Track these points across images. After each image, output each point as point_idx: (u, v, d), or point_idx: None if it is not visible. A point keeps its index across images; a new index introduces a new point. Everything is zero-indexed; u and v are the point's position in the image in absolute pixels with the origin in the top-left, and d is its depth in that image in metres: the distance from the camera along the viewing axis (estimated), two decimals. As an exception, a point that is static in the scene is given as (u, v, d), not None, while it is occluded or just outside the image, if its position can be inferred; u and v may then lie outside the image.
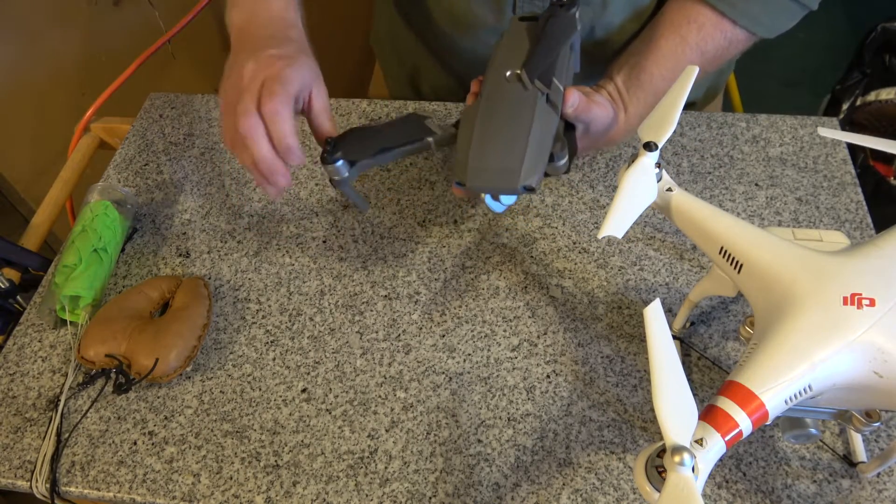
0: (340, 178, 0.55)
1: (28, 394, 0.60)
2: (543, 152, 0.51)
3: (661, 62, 0.64)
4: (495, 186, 0.50)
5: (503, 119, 0.51)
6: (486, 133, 0.51)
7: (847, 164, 0.72)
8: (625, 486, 0.53)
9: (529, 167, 0.49)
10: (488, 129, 0.51)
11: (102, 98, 0.84)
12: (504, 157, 0.49)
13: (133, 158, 0.80)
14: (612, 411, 0.57)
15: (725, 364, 0.59)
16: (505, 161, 0.49)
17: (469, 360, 0.60)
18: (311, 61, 0.58)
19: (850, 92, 1.42)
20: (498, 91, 0.52)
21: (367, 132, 0.56)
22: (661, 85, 0.64)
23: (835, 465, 0.53)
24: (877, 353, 0.39)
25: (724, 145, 0.75)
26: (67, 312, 0.63)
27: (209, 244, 0.71)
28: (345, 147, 0.54)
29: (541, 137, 0.50)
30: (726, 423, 0.37)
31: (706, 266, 0.65)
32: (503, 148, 0.50)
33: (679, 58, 0.64)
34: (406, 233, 0.70)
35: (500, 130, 0.50)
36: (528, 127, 0.50)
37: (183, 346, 0.60)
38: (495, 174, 0.49)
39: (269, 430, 0.57)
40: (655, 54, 0.64)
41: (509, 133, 0.50)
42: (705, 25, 0.63)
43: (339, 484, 0.54)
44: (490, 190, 0.51)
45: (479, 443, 0.55)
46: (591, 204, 0.71)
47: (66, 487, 0.55)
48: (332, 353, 0.61)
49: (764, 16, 0.63)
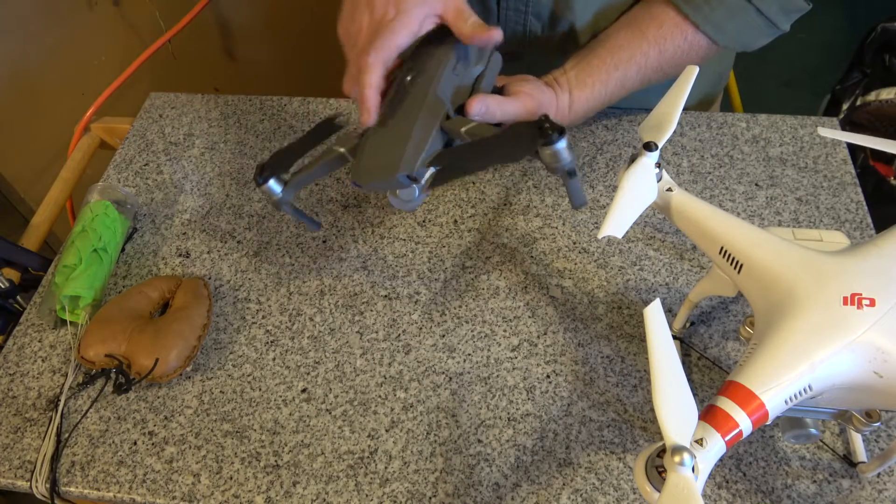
0: (277, 198, 0.57)
1: (28, 394, 0.60)
2: (425, 139, 0.53)
3: (615, 51, 0.64)
4: (379, 179, 0.53)
5: (395, 117, 0.54)
6: (378, 133, 0.54)
7: (847, 164, 0.72)
8: (625, 486, 0.53)
9: (409, 156, 0.51)
10: (381, 130, 0.54)
11: (102, 98, 0.84)
12: (388, 152, 0.52)
13: (133, 158, 0.80)
14: (612, 411, 0.57)
15: (725, 364, 0.59)
16: (388, 157, 0.52)
17: (469, 360, 0.60)
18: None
19: (850, 92, 1.42)
20: (396, 96, 0.55)
21: (289, 147, 0.58)
22: (613, 73, 0.64)
23: (835, 465, 0.53)
24: (877, 353, 0.39)
25: (724, 145, 0.75)
26: (67, 312, 0.63)
27: (209, 244, 0.71)
28: (271, 167, 0.56)
29: (424, 128, 0.53)
30: (726, 423, 0.37)
31: (706, 266, 0.65)
32: (388, 144, 0.53)
33: (634, 50, 0.64)
34: (406, 233, 0.70)
35: (389, 129, 0.54)
36: (412, 123, 0.53)
37: (183, 346, 0.60)
38: (379, 169, 0.52)
39: (269, 430, 0.57)
40: (611, 43, 0.65)
41: (395, 130, 0.53)
42: (666, 24, 0.64)
43: (339, 484, 0.54)
44: (378, 185, 0.53)
45: (479, 443, 0.55)
46: (591, 204, 0.71)
47: (66, 487, 0.55)
48: (332, 353, 0.61)
49: (728, 25, 0.63)
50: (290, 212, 0.60)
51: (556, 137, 0.46)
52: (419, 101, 0.54)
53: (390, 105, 0.55)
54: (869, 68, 1.41)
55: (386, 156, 0.52)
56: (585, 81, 0.64)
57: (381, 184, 0.53)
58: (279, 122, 0.82)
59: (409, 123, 0.53)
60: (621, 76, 0.65)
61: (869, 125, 1.37)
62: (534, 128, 0.47)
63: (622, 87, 0.66)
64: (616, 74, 0.64)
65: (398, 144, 0.52)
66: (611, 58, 0.64)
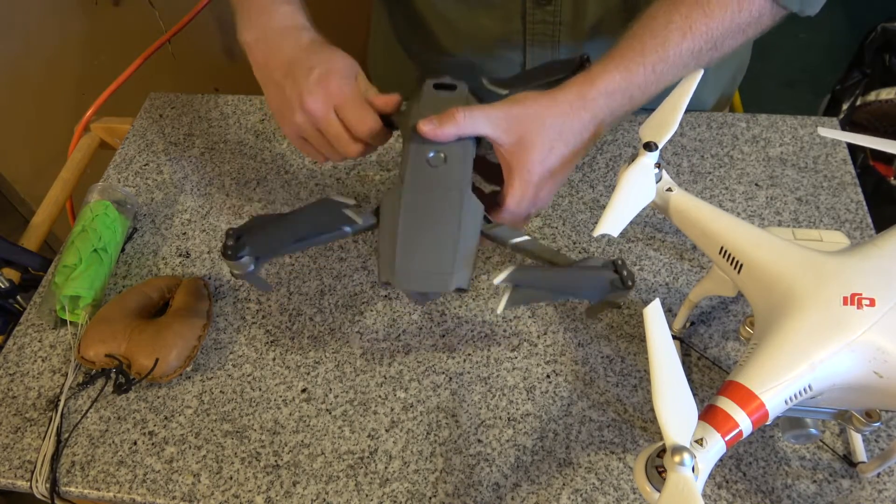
0: (244, 272, 0.50)
1: (28, 394, 0.60)
2: (472, 248, 0.48)
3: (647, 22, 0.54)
4: (426, 289, 0.48)
5: (428, 213, 0.48)
6: (411, 229, 0.48)
7: (847, 164, 0.72)
8: (625, 486, 0.53)
9: (461, 269, 0.47)
10: (414, 225, 0.48)
11: (102, 98, 0.84)
12: (434, 259, 0.47)
13: (133, 158, 0.80)
14: (612, 411, 0.57)
15: (725, 364, 0.59)
16: (435, 264, 0.47)
17: (469, 360, 0.60)
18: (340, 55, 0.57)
19: (850, 92, 1.42)
20: (420, 178, 0.49)
21: (275, 222, 0.50)
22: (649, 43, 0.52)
23: (835, 465, 0.53)
24: (877, 353, 0.39)
25: (724, 145, 0.75)
26: (67, 312, 0.63)
27: (209, 244, 0.71)
28: (251, 241, 0.49)
29: (469, 234, 0.48)
30: (726, 423, 0.37)
31: (706, 266, 0.65)
32: (432, 248, 0.47)
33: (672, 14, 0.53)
34: (406, 233, 0.70)
35: (427, 227, 0.48)
36: (456, 225, 0.48)
37: (183, 346, 0.60)
38: (426, 277, 0.47)
39: (269, 430, 0.57)
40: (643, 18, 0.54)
41: (437, 231, 0.47)
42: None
43: (339, 484, 0.54)
44: (421, 291, 0.49)
45: (479, 443, 0.55)
46: (591, 204, 0.71)
47: (66, 487, 0.55)
48: (332, 353, 0.61)
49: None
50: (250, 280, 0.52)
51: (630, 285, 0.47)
52: (457, 197, 0.49)
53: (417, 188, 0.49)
54: (869, 68, 1.41)
55: (432, 262, 0.47)
56: (606, 67, 0.52)
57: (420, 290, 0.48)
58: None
59: (451, 227, 0.47)
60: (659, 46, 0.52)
61: (869, 125, 1.37)
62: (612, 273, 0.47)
63: (666, 61, 0.52)
64: (652, 43, 0.52)
65: (445, 251, 0.47)
66: (642, 28, 0.53)
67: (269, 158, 0.78)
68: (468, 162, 0.51)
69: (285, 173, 0.76)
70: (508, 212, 0.52)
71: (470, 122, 0.50)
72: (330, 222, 0.50)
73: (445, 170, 0.49)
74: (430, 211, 0.48)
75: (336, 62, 0.56)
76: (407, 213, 0.48)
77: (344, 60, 0.57)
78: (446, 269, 0.47)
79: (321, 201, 0.50)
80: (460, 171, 0.50)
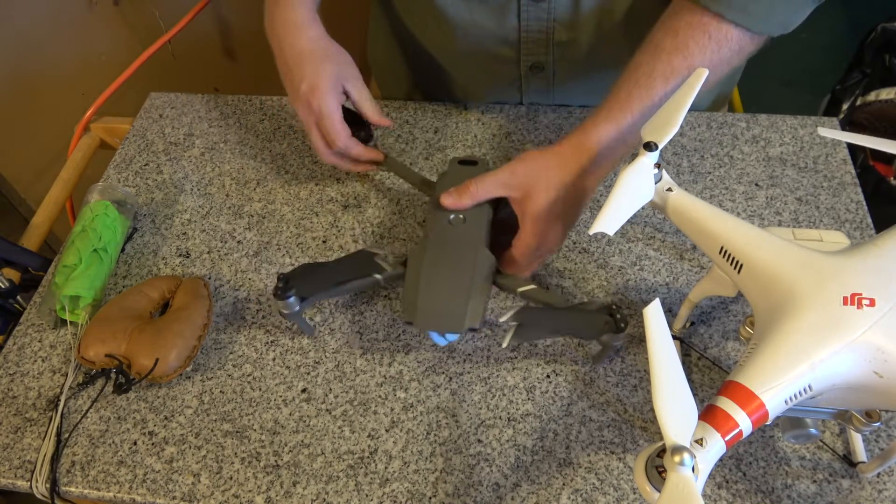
0: (291, 311, 0.57)
1: (28, 394, 0.60)
2: (484, 295, 0.56)
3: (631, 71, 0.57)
4: (442, 329, 0.55)
5: (447, 264, 0.56)
6: (432, 277, 0.56)
7: (847, 164, 0.72)
8: (625, 486, 0.53)
9: (473, 311, 0.54)
10: (434, 274, 0.56)
11: (102, 98, 0.84)
12: (450, 301, 0.54)
13: (133, 158, 0.80)
14: (612, 411, 0.57)
15: (725, 364, 0.59)
16: (451, 306, 0.54)
17: (469, 360, 0.60)
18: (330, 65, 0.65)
19: (850, 92, 1.42)
20: (442, 235, 0.58)
21: (319, 269, 0.59)
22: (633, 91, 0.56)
23: (835, 465, 0.53)
24: (877, 353, 0.39)
25: (724, 145, 0.75)
26: (67, 312, 0.63)
27: (209, 244, 0.71)
28: (298, 284, 0.56)
29: (481, 283, 0.56)
30: (726, 423, 0.37)
31: (706, 266, 0.65)
32: (449, 293, 0.55)
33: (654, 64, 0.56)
34: (406, 233, 0.70)
35: (445, 277, 0.56)
36: (470, 276, 0.55)
37: (183, 346, 0.60)
38: (442, 317, 0.54)
39: (269, 430, 0.57)
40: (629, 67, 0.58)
41: (453, 280, 0.55)
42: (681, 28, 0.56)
43: (339, 484, 0.54)
44: (437, 330, 0.56)
45: (479, 443, 0.55)
46: (591, 204, 0.71)
47: (66, 487, 0.55)
48: (332, 353, 0.61)
49: (751, 5, 0.55)
50: (296, 320, 0.60)
51: (623, 327, 0.51)
52: (472, 252, 0.57)
53: (438, 244, 0.57)
54: (869, 68, 1.41)
55: (449, 305, 0.54)
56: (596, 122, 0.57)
57: (437, 330, 0.56)
58: (279, 122, 0.82)
59: (467, 275, 0.55)
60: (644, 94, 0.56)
61: (869, 125, 1.37)
62: (607, 316, 0.52)
63: (653, 105, 0.56)
64: (637, 92, 0.56)
65: (459, 296, 0.54)
66: (628, 79, 0.57)
67: (269, 158, 0.78)
68: (483, 221, 0.59)
69: (285, 173, 0.76)
70: (519, 253, 0.57)
71: (482, 190, 0.58)
72: (364, 268, 0.58)
73: (464, 229, 0.58)
74: (449, 263, 0.56)
75: (324, 74, 0.64)
76: (429, 265, 0.56)
77: (334, 69, 0.65)
78: (460, 312, 0.54)
79: (359, 252, 0.60)
80: (477, 230, 0.58)
